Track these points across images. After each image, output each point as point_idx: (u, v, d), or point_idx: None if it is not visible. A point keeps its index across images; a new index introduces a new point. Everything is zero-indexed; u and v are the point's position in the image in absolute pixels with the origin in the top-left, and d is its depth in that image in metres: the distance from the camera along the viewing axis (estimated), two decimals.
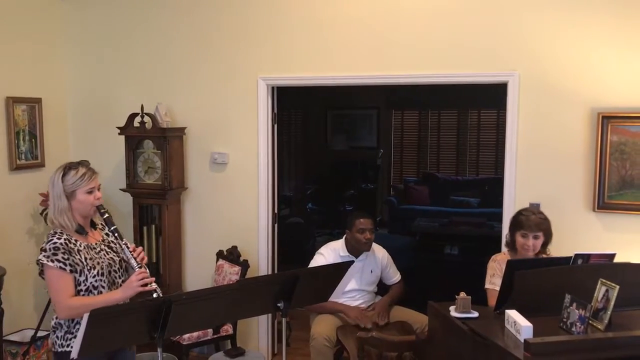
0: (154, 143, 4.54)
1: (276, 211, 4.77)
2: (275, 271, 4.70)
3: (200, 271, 4.76)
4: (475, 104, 8.98)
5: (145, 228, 4.64)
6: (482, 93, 6.68)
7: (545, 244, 3.43)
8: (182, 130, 4.65)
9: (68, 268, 2.62)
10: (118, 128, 4.58)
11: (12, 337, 4.39)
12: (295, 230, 7.62)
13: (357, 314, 3.93)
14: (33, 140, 4.68)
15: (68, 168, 2.73)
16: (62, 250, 2.62)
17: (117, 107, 4.80)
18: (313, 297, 3.41)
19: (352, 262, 3.36)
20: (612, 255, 3.12)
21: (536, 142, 3.96)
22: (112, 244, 2.84)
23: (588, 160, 3.86)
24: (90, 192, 2.72)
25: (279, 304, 2.98)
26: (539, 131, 3.95)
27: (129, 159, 4.58)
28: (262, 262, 4.60)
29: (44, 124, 4.75)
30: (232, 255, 4.50)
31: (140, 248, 2.82)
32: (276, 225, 4.77)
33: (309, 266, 4.03)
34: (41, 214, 4.64)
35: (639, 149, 3.73)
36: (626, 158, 3.75)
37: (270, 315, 4.62)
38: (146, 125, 4.51)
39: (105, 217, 2.77)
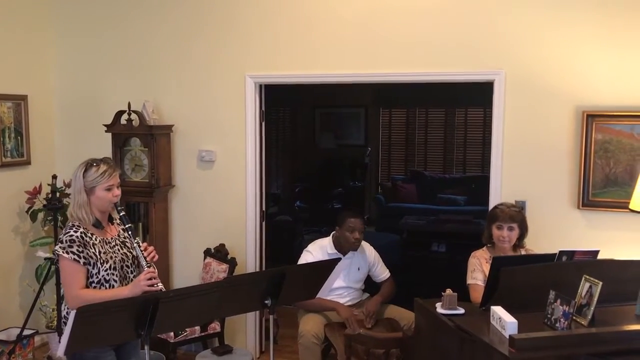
0: (141, 141, 4.52)
1: (264, 209, 4.77)
2: (263, 269, 4.70)
3: (187, 269, 4.75)
4: (463, 102, 9.02)
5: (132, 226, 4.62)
6: (469, 91, 6.71)
7: (521, 237, 3.50)
8: (169, 127, 4.64)
9: (82, 260, 2.70)
10: (105, 125, 4.56)
11: (1, 336, 4.37)
12: (284, 228, 7.62)
13: (348, 314, 3.90)
14: (19, 137, 4.65)
15: (90, 164, 2.81)
16: (78, 243, 2.71)
17: (103, 104, 4.78)
18: (300, 294, 3.41)
19: (339, 259, 3.36)
20: (596, 252, 3.17)
21: (522, 140, 4.00)
22: (126, 240, 2.94)
23: (573, 158, 3.90)
24: (109, 189, 2.80)
25: (266, 301, 2.98)
26: (524, 129, 3.98)
27: (115, 157, 4.56)
28: (250, 260, 4.60)
29: (29, 121, 4.72)
30: (219, 253, 4.49)
31: (151, 247, 2.90)
32: (264, 223, 4.77)
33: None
34: (27, 211, 4.62)
35: (622, 147, 3.77)
36: (610, 156, 3.80)
37: (257, 312, 4.62)
38: (133, 122, 4.49)
39: (121, 214, 2.87)
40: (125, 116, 4.49)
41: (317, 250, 4.10)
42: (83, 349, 2.54)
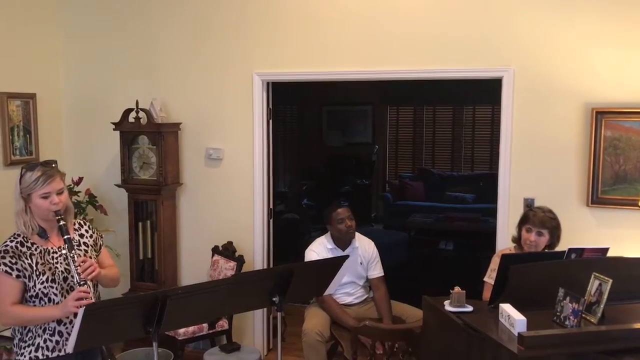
0: (149, 138, 4.53)
1: (271, 207, 4.77)
2: (271, 267, 4.70)
3: (195, 267, 4.76)
4: (471, 99, 9.00)
5: (140, 224, 4.64)
6: (477, 89, 6.71)
7: (551, 245, 3.40)
8: (177, 125, 4.65)
9: (14, 273, 2.51)
10: (113, 124, 4.57)
11: (7, 333, 4.38)
12: (291, 226, 7.63)
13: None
14: (27, 135, 4.67)
15: (26, 169, 2.58)
16: (11, 254, 2.53)
17: (112, 102, 4.80)
18: (308, 292, 3.41)
19: (347, 256, 3.35)
20: (606, 250, 3.15)
21: (530, 138, 3.98)
22: (76, 249, 2.65)
23: (582, 156, 3.88)
24: (45, 197, 2.55)
25: (274, 299, 2.98)
26: (533, 126, 3.96)
27: (124, 155, 4.57)
28: (257, 257, 4.60)
29: (38, 119, 4.74)
30: (227, 251, 4.50)
31: (89, 262, 2.58)
32: (271, 221, 4.77)
33: None
34: None
35: (632, 144, 3.74)
36: (620, 153, 3.77)
37: (265, 310, 4.63)
38: (141, 120, 4.50)
39: (60, 224, 2.57)
40: (133, 114, 4.50)
41: (319, 247, 4.10)
42: (91, 346, 2.54)
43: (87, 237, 2.78)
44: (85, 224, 2.83)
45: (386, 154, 9.93)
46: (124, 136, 4.57)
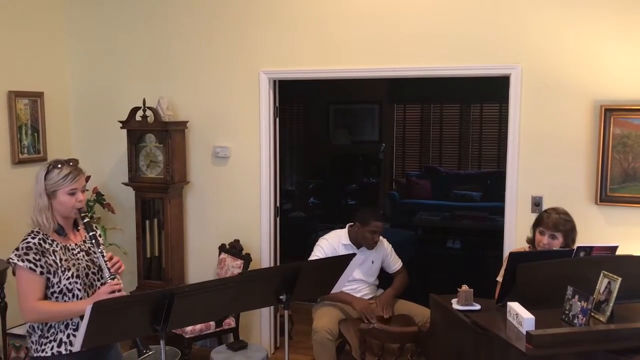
0: (156, 137, 4.54)
1: (278, 205, 4.77)
2: (278, 265, 4.70)
3: (202, 265, 4.77)
4: (478, 97, 8.96)
5: (147, 222, 4.65)
6: (484, 86, 6.68)
7: (565, 248, 3.32)
8: (184, 124, 4.65)
9: (39, 269, 2.54)
10: (120, 122, 4.58)
11: (16, 331, 4.41)
12: (298, 224, 7.63)
13: (363, 306, 3.92)
14: (35, 134, 4.69)
15: (52, 166, 2.64)
16: (35, 251, 2.56)
17: (119, 101, 4.81)
18: (315, 290, 3.41)
19: (354, 254, 3.35)
20: (615, 248, 3.12)
21: (538, 136, 3.96)
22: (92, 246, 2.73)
23: (590, 153, 3.85)
24: (72, 194, 2.62)
25: (281, 297, 2.98)
26: (541, 124, 3.94)
27: (131, 153, 4.58)
28: (264, 255, 4.61)
29: (46, 118, 4.76)
30: (234, 249, 4.50)
31: (117, 258, 2.71)
32: (278, 219, 4.77)
33: (310, 257, 4.05)
34: None
35: None
36: (629, 151, 3.75)
37: (272, 308, 4.63)
38: (148, 119, 4.51)
39: (85, 221, 2.66)
40: (140, 112, 4.51)
41: (334, 239, 4.12)
42: (99, 344, 2.54)
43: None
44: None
45: (393, 152, 9.90)
46: (131, 134, 4.58)
